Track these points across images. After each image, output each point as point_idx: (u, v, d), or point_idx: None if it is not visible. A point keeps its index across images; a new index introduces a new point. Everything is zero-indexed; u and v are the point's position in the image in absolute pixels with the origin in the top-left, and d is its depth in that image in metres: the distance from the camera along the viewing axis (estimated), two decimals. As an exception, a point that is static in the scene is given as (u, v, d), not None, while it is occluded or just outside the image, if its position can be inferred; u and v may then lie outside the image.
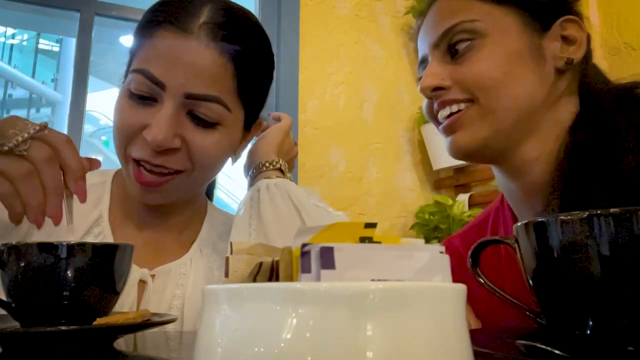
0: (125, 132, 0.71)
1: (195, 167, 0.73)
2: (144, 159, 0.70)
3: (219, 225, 0.86)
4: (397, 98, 2.19)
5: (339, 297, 0.22)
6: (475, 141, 0.68)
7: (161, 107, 0.69)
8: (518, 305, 0.42)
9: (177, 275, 0.76)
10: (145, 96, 0.70)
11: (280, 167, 0.85)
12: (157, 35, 0.70)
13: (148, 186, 0.72)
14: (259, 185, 0.80)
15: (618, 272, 0.33)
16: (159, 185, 0.72)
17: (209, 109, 0.70)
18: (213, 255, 0.81)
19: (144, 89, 0.69)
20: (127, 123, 0.70)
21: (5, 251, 0.49)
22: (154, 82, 0.68)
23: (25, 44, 8.03)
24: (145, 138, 0.69)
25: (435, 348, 0.23)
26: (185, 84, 0.68)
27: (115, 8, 1.96)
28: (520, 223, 0.38)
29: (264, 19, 2.01)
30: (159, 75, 0.68)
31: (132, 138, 0.71)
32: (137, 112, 0.70)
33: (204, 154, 0.72)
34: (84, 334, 0.44)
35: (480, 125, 0.67)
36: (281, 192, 0.79)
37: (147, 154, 0.70)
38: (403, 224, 2.08)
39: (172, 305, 0.74)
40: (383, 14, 2.24)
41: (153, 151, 0.69)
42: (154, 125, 0.68)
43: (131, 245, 0.54)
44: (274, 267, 0.33)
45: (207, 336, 0.25)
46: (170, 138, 0.68)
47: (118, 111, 0.72)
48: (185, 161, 0.72)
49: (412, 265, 0.29)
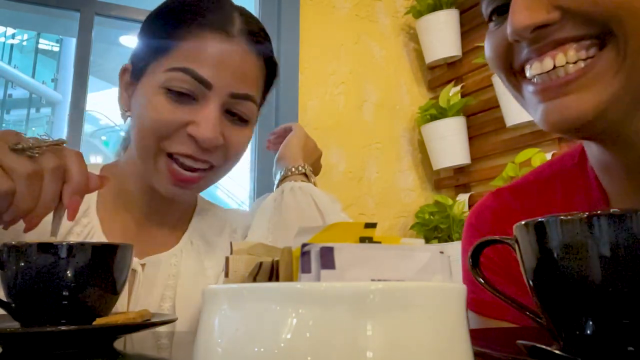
0: (163, 129, 0.72)
1: (228, 162, 0.78)
2: (186, 153, 0.72)
3: (209, 217, 0.87)
4: (397, 98, 2.19)
5: (339, 297, 0.22)
6: (598, 105, 0.48)
7: (205, 106, 0.72)
8: (518, 305, 0.42)
9: (167, 265, 0.77)
10: (185, 93, 0.72)
11: (305, 171, 0.89)
12: (198, 36, 0.73)
13: (185, 182, 0.74)
14: (284, 187, 0.85)
15: (618, 272, 0.33)
16: (196, 182, 0.75)
17: (246, 107, 0.76)
18: (203, 247, 0.82)
19: (187, 87, 0.72)
20: (167, 119, 0.72)
21: (5, 251, 0.49)
22: (200, 82, 0.71)
23: (25, 44, 8.03)
24: (186, 135, 0.72)
25: (435, 348, 0.23)
26: (231, 84, 0.73)
27: (115, 8, 1.96)
28: (520, 223, 0.38)
29: (264, 19, 2.01)
30: (207, 76, 0.71)
31: (170, 134, 0.72)
32: (177, 109, 0.72)
33: (239, 150, 0.78)
34: (84, 334, 0.44)
35: (612, 79, 0.48)
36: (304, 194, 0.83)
37: (190, 149, 0.72)
38: (403, 224, 2.08)
39: (164, 296, 0.74)
40: (383, 14, 2.24)
41: (197, 147, 0.72)
42: (202, 123, 0.71)
43: (131, 245, 0.54)
44: (274, 267, 0.33)
45: (207, 336, 0.25)
46: (219, 136, 0.73)
47: (153, 108, 0.72)
48: (221, 157, 0.76)
49: (412, 265, 0.29)
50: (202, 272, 0.78)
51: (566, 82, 0.48)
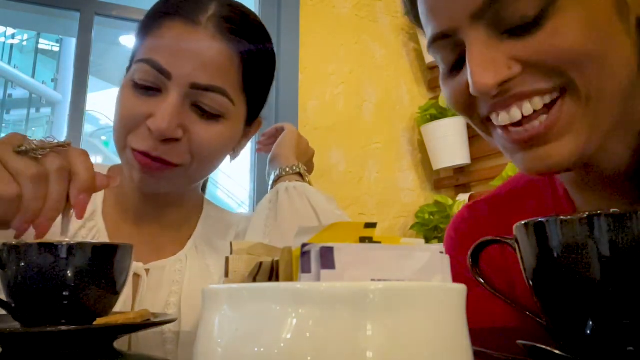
0: (127, 122, 0.71)
1: (195, 160, 0.73)
2: (143, 150, 0.70)
3: (215, 222, 0.86)
4: (397, 98, 2.19)
5: (339, 297, 0.22)
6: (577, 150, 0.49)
7: (166, 97, 0.69)
8: (517, 306, 0.42)
9: (172, 271, 0.76)
10: (150, 86, 0.70)
11: (299, 171, 0.88)
12: (164, 26, 0.71)
13: (149, 169, 0.71)
14: (278, 188, 0.83)
15: (618, 273, 0.33)
16: (161, 171, 0.71)
17: (213, 101, 0.71)
18: (209, 252, 0.81)
19: (149, 78, 0.70)
20: (130, 113, 0.70)
21: (5, 251, 0.49)
22: (159, 71, 0.69)
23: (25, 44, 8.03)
24: (147, 129, 0.69)
25: (435, 348, 0.23)
26: (191, 74, 0.69)
27: (115, 8, 1.96)
28: (520, 223, 0.38)
29: (264, 19, 2.01)
30: (166, 65, 0.69)
31: (134, 128, 0.71)
32: (141, 102, 0.70)
33: (205, 146, 0.72)
34: (84, 334, 0.44)
35: (581, 125, 0.49)
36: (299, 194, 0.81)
37: (147, 145, 0.70)
38: (403, 224, 2.08)
39: (168, 302, 0.74)
40: (383, 14, 2.24)
41: (154, 142, 0.69)
42: (158, 115, 0.68)
43: (131, 245, 0.54)
44: (274, 267, 0.33)
45: (207, 336, 0.25)
46: (174, 127, 0.69)
47: (121, 101, 0.72)
48: (185, 154, 0.72)
49: (412, 265, 0.29)
50: (207, 277, 0.78)
51: (539, 133, 0.50)
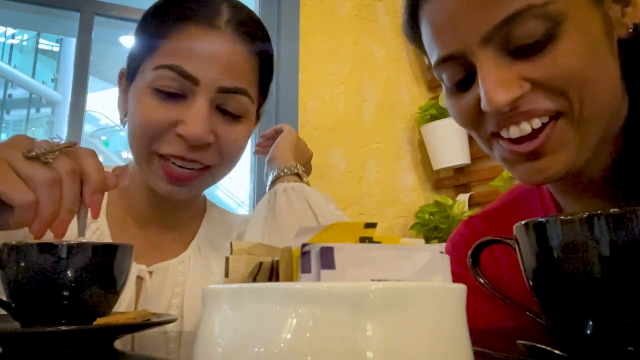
0: (152, 130, 0.71)
1: (224, 161, 0.75)
2: (176, 155, 0.71)
3: (218, 224, 0.86)
4: (397, 98, 2.19)
5: (339, 297, 0.22)
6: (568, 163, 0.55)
7: (192, 102, 0.70)
8: (517, 306, 0.42)
9: (175, 273, 0.76)
10: (173, 92, 0.70)
11: (297, 172, 0.88)
12: (184, 31, 0.71)
13: (181, 181, 0.72)
14: (276, 189, 0.83)
15: (618, 272, 0.33)
16: (192, 179, 0.73)
17: (238, 102, 0.73)
18: (212, 254, 0.81)
19: (174, 84, 0.70)
20: (156, 120, 0.70)
21: (5, 251, 0.49)
22: (185, 77, 0.69)
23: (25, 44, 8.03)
24: (175, 135, 0.70)
25: (435, 348, 0.23)
26: (218, 78, 0.70)
27: (115, 8, 1.96)
28: (520, 223, 0.38)
29: (264, 19, 2.01)
30: (192, 71, 0.69)
31: (159, 136, 0.71)
32: (165, 108, 0.70)
33: (233, 147, 0.75)
34: (84, 334, 0.44)
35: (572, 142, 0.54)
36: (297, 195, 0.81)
37: (180, 150, 0.70)
38: (403, 224, 2.08)
39: (171, 304, 0.74)
40: (383, 14, 2.24)
41: (188, 147, 0.70)
42: (190, 121, 0.69)
43: (131, 245, 0.54)
44: (274, 267, 0.33)
45: (207, 336, 0.25)
46: (207, 133, 0.70)
47: (142, 109, 0.71)
48: (215, 156, 0.73)
49: (412, 265, 0.29)
50: (209, 278, 0.78)
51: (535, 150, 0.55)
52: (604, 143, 0.58)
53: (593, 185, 0.62)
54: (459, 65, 0.56)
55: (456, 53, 0.55)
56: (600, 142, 0.56)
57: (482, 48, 0.53)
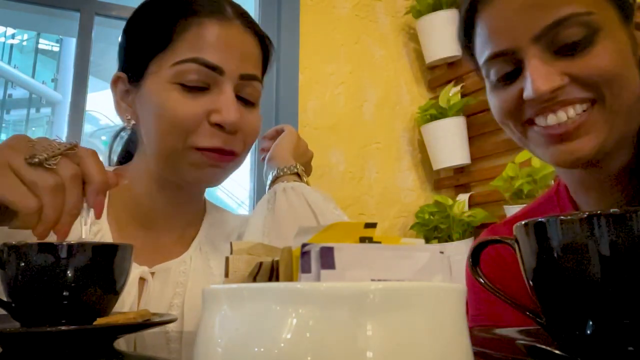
0: (186, 123, 0.71)
1: (245, 149, 0.77)
2: (215, 147, 0.72)
3: (219, 224, 0.86)
4: (397, 98, 2.19)
5: (339, 297, 0.22)
6: (597, 147, 0.63)
7: (220, 92, 0.72)
8: (517, 305, 0.42)
9: (176, 273, 0.76)
10: (198, 86, 0.72)
11: (297, 171, 0.88)
12: (199, 24, 0.73)
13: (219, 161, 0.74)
14: (276, 188, 0.83)
15: (618, 272, 0.33)
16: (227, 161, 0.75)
17: (254, 89, 0.76)
18: (212, 254, 0.81)
19: (199, 77, 0.72)
20: (188, 113, 0.71)
21: (5, 251, 0.49)
22: (211, 68, 0.71)
23: (25, 44, 8.03)
24: (209, 126, 0.72)
25: (435, 348, 0.23)
26: (240, 65, 0.74)
27: (115, 8, 1.96)
28: (520, 223, 0.38)
29: (264, 19, 2.01)
30: (217, 61, 0.72)
31: (194, 129, 0.72)
32: (194, 101, 0.72)
33: (253, 133, 0.78)
34: (84, 334, 0.44)
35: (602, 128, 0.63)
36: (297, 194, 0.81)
37: (219, 141, 0.73)
38: (403, 224, 2.08)
39: (172, 304, 0.74)
40: (383, 14, 2.24)
41: (223, 137, 0.72)
42: (224, 108, 0.71)
43: (131, 245, 0.54)
44: (274, 267, 0.33)
45: (207, 336, 0.25)
46: (241, 118, 0.73)
47: (170, 105, 0.71)
48: (240, 143, 0.76)
49: (412, 265, 0.29)
50: (210, 278, 0.78)
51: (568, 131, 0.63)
52: (624, 140, 0.65)
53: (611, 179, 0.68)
54: (508, 60, 0.66)
55: (508, 49, 0.65)
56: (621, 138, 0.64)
57: (531, 46, 0.63)
